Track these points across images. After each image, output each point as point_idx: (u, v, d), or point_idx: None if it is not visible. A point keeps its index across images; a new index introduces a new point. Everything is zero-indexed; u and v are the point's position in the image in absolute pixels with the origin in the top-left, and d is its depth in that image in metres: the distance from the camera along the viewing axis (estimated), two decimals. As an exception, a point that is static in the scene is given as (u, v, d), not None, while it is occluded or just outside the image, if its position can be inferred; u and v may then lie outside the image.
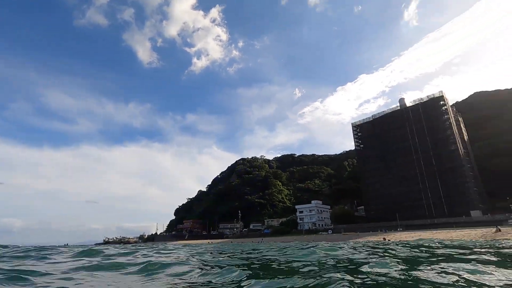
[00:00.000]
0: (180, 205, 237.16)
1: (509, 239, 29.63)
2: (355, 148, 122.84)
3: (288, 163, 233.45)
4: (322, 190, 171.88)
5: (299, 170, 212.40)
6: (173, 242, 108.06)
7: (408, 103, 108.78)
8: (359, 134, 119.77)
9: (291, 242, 49.47)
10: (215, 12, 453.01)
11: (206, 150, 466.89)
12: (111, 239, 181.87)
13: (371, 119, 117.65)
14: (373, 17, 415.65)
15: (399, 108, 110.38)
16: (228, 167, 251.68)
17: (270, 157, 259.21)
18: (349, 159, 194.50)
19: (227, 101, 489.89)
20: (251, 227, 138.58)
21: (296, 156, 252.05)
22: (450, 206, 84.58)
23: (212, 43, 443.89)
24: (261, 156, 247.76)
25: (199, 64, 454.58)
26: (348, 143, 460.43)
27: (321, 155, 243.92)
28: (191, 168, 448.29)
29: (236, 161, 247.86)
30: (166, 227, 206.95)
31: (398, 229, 74.56)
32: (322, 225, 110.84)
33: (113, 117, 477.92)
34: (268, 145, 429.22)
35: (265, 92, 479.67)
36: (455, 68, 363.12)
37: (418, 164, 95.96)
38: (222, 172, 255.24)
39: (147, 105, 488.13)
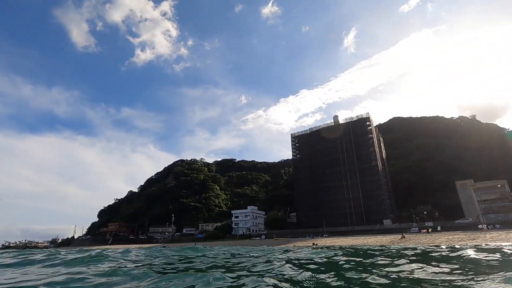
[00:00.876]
0: (106, 206, 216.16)
1: (409, 245, 35.05)
2: (292, 158, 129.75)
3: (228, 168, 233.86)
4: (259, 196, 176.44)
5: (238, 175, 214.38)
6: (93, 247, 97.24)
7: (341, 120, 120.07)
8: (296, 144, 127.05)
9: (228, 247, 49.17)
10: (166, 5, 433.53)
11: (141, 149, 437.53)
12: (12, 243, 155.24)
13: (308, 131, 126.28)
14: (318, 39, 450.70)
15: (333, 124, 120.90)
16: (165, 168, 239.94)
17: (210, 160, 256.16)
18: (286, 167, 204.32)
19: (169, 99, 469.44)
20: (184, 231, 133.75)
21: (236, 161, 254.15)
22: (368, 215, 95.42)
23: (159, 37, 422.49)
24: (201, 159, 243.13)
25: (142, 56, 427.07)
26: (286, 152, 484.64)
27: (260, 162, 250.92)
28: (122, 166, 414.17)
29: (174, 162, 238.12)
30: (86, 230, 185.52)
31: (324, 235, 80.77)
32: (256, 230, 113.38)
33: (29, 101, 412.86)
34: (208, 148, 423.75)
35: (210, 94, 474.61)
36: (379, 94, 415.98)
37: (345, 176, 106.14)
38: (157, 173, 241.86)
39: (75, 92, 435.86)
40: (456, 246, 25.97)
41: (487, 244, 27.93)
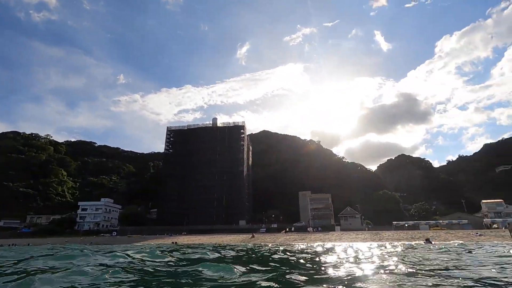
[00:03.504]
0: None
1: (258, 243, 39.85)
2: (165, 151, 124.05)
3: (85, 152, 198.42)
4: (118, 188, 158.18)
5: (96, 162, 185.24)
6: None
7: (219, 123, 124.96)
8: (171, 139, 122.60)
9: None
10: None
11: None
12: None
13: (186, 128, 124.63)
14: (214, 41, 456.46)
15: (211, 125, 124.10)
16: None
17: (60, 139, 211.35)
18: (155, 160, 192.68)
19: (12, 50, 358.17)
20: (1, 224, 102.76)
21: (96, 145, 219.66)
22: (229, 215, 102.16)
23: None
24: (47, 135, 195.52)
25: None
26: (158, 145, 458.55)
27: (127, 151, 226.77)
28: None
29: (4, 133, 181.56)
30: None
31: (183, 233, 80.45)
32: (108, 226, 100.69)
33: None
34: (61, 123, 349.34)
35: (76, 60, 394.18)
36: (256, 107, 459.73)
37: (213, 176, 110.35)
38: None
39: None
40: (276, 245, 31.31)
41: (309, 244, 35.17)
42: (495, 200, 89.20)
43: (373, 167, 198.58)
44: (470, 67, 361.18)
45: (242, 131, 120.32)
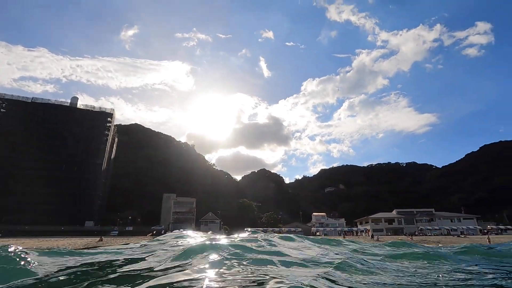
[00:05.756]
0: None
1: (102, 246, 35.01)
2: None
3: None
4: None
5: None
6: None
7: (80, 105, 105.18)
8: (2, 110, 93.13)
9: None
10: None
11: None
12: None
13: (30, 100, 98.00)
14: (94, 11, 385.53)
15: (68, 104, 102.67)
16: None
17: None
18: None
19: None
20: None
21: None
22: (73, 214, 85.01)
23: None
24: None
25: None
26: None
27: None
28: None
29: None
30: None
31: (-3, 235, 60.89)
32: None
33: None
34: None
35: None
36: (131, 97, 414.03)
37: (58, 166, 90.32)
38: None
39: None
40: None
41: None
42: (321, 214, 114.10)
43: (238, 177, 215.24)
44: (322, 108, 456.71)
45: (109, 119, 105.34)
